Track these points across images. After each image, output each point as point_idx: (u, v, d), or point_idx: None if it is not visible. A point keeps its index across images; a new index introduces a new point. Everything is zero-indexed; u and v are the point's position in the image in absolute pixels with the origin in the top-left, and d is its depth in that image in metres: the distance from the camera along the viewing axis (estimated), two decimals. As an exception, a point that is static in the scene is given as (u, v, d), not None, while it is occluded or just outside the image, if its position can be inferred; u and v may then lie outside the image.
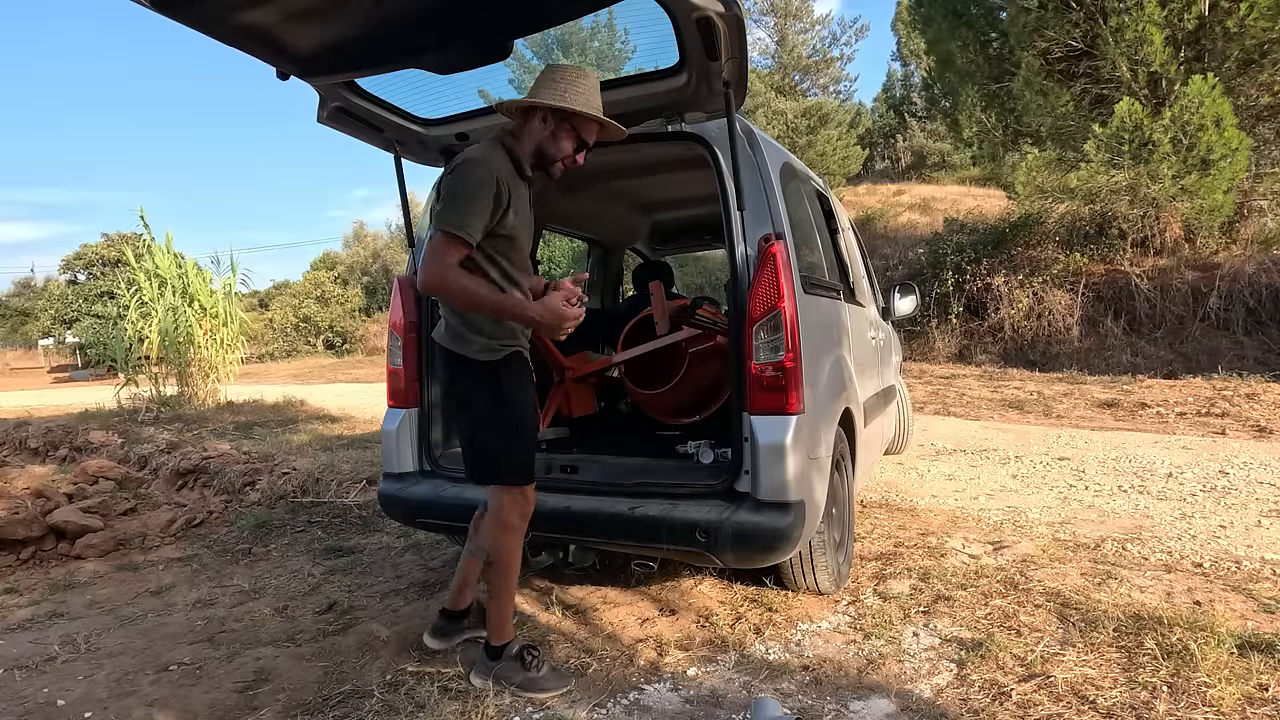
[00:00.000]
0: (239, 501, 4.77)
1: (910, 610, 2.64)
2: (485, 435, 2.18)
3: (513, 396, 2.17)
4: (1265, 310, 9.39)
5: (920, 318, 11.40)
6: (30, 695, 2.32)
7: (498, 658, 2.21)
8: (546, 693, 2.15)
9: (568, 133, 2.10)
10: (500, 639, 2.22)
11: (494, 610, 2.24)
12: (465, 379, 2.18)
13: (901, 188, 20.86)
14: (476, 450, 2.23)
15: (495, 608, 2.23)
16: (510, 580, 2.23)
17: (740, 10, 1.97)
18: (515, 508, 2.19)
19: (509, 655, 2.20)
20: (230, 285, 10.50)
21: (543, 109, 2.08)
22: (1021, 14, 10.64)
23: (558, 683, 2.19)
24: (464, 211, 1.97)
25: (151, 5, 1.71)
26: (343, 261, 33.19)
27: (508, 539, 2.20)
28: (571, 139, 2.11)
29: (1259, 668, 2.08)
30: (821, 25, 28.88)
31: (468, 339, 2.14)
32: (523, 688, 2.15)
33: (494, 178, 2.00)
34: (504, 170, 2.04)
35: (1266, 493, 4.10)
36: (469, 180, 2.00)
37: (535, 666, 2.19)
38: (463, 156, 2.08)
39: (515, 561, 2.22)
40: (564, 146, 2.11)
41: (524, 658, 2.19)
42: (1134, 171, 9.99)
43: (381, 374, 5.71)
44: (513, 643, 2.23)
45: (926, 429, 6.44)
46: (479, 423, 2.19)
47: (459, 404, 2.24)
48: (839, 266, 3.36)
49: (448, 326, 2.21)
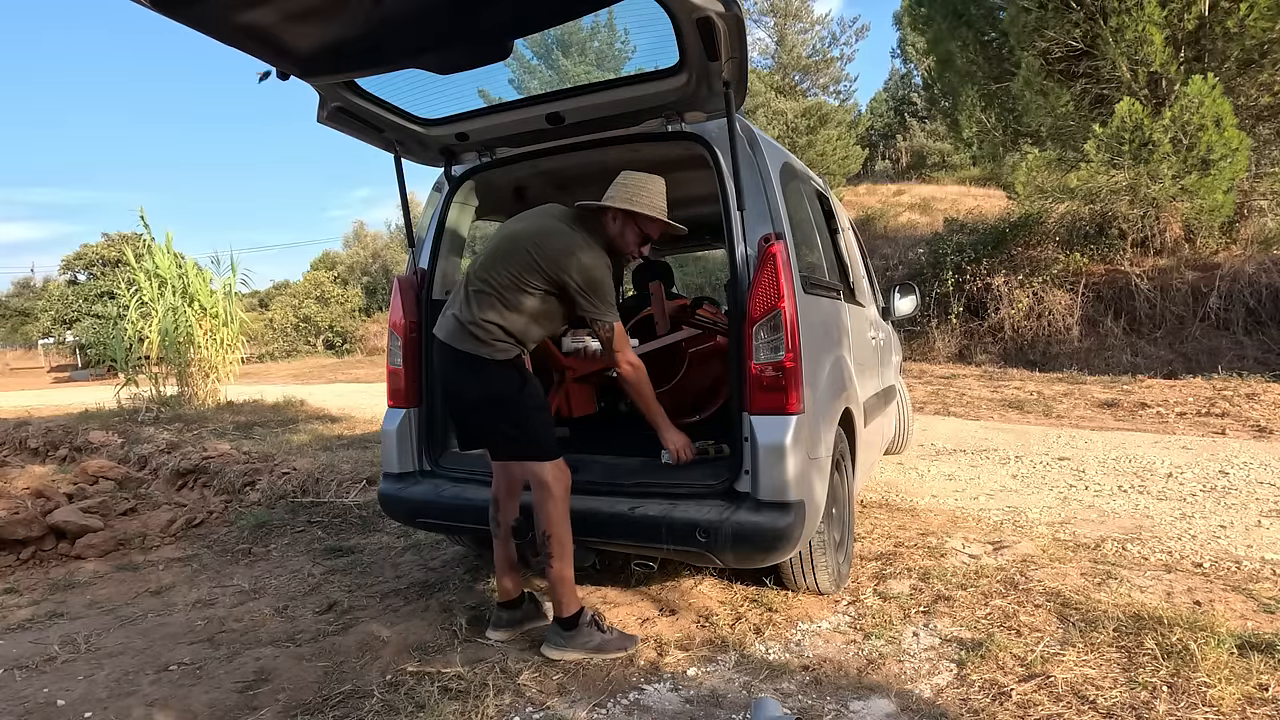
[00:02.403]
0: (239, 501, 4.77)
1: (910, 610, 2.64)
2: (523, 420, 2.36)
3: (533, 383, 2.42)
4: (1265, 310, 9.38)
5: (920, 318, 11.40)
6: (30, 695, 2.32)
7: (573, 627, 2.37)
8: (624, 651, 2.37)
9: (634, 230, 2.43)
10: (570, 609, 2.38)
11: (558, 584, 2.37)
12: (488, 376, 2.35)
13: (901, 188, 20.88)
14: (513, 437, 2.38)
15: (559, 580, 2.36)
16: (567, 551, 2.36)
17: (740, 10, 1.98)
18: (558, 480, 2.34)
19: (584, 623, 2.37)
20: (230, 285, 10.50)
21: (613, 211, 2.41)
22: (1021, 14, 10.64)
23: (630, 643, 2.40)
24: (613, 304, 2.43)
25: (151, 5, 1.71)
26: (343, 261, 33.17)
27: (558, 509, 2.33)
28: (636, 235, 2.44)
29: (1259, 668, 2.08)
30: (821, 25, 28.88)
31: (489, 343, 2.33)
32: (602, 648, 2.35)
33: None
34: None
35: (1266, 493, 4.10)
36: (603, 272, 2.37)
37: (609, 629, 2.41)
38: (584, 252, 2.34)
39: (568, 531, 2.35)
40: (630, 243, 2.44)
41: (598, 623, 2.40)
42: (1134, 171, 9.99)
43: (381, 374, 5.71)
44: (584, 610, 2.40)
45: (926, 429, 6.44)
46: (513, 411, 2.36)
47: (486, 398, 2.37)
48: (839, 266, 3.36)
49: (462, 327, 2.35)
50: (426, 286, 2.97)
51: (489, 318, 2.33)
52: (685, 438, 2.61)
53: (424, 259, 3.00)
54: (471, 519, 2.72)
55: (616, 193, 2.40)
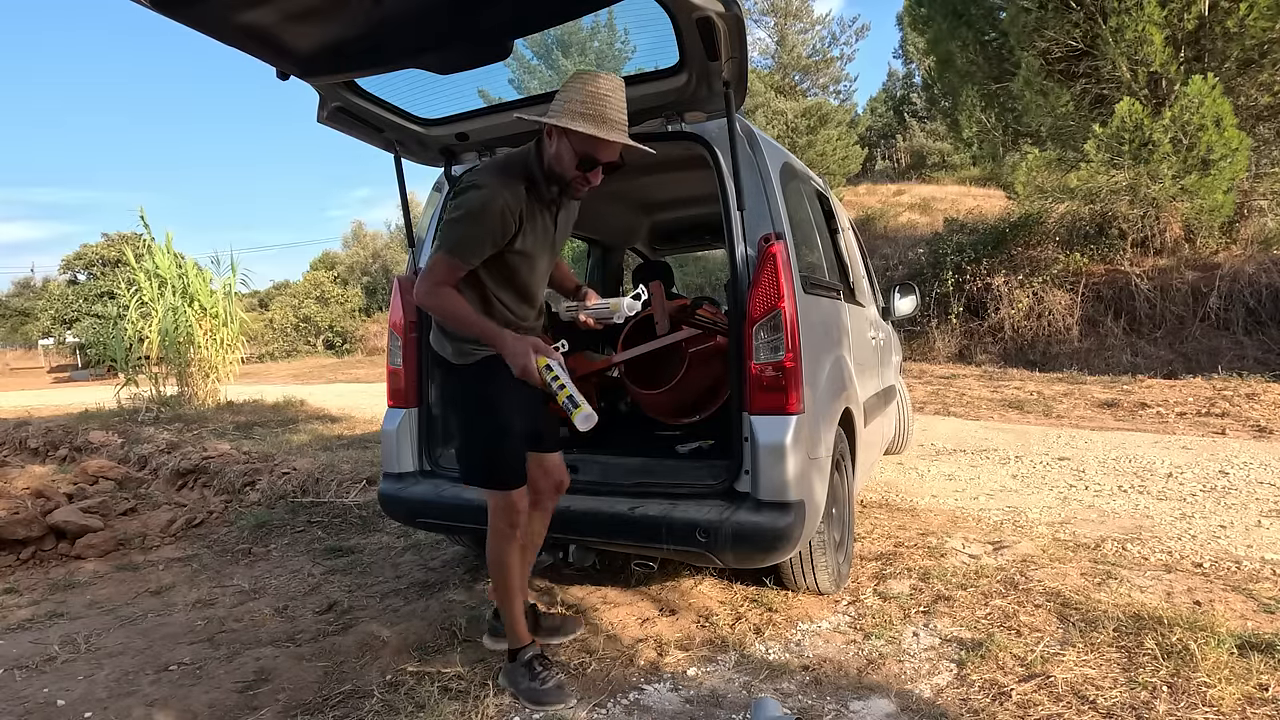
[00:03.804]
0: (239, 501, 4.77)
1: (910, 610, 2.64)
2: (466, 437, 2.21)
3: (495, 399, 2.10)
4: (1265, 310, 9.38)
5: (920, 318, 11.40)
6: (30, 695, 2.32)
7: (513, 660, 2.22)
8: (544, 706, 2.12)
9: (569, 150, 1.95)
10: (514, 643, 2.23)
11: (503, 615, 2.25)
12: (447, 382, 2.23)
13: (901, 188, 20.87)
14: (460, 452, 2.27)
15: (503, 613, 2.25)
16: (509, 585, 2.20)
17: (740, 10, 1.97)
18: (501, 513, 2.14)
19: (520, 660, 2.20)
20: (230, 285, 10.51)
21: (546, 126, 1.96)
22: (1021, 14, 10.64)
23: (558, 697, 2.13)
24: (463, 237, 1.96)
25: (151, 5, 1.70)
26: (342, 261, 33.18)
27: (496, 544, 2.17)
28: (571, 155, 1.96)
29: (1259, 668, 2.08)
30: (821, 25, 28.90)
31: (445, 343, 2.16)
32: (525, 696, 2.15)
33: (499, 208, 1.94)
34: (510, 197, 1.97)
35: (1266, 493, 4.10)
36: (473, 206, 1.95)
37: (542, 678, 2.15)
38: (470, 181, 2.02)
39: (510, 567, 2.19)
40: (566, 166, 1.98)
41: (533, 666, 2.18)
42: (1134, 171, 9.99)
43: (381, 374, 5.71)
44: (526, 648, 2.21)
45: (926, 429, 6.44)
46: (460, 425, 2.22)
47: (445, 406, 2.28)
48: (839, 266, 3.36)
49: (433, 330, 2.24)
50: (426, 286, 2.97)
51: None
52: (525, 345, 1.94)
53: (424, 259, 3.00)
54: (471, 519, 2.71)
55: (552, 104, 1.95)
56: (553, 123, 1.91)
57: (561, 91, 1.96)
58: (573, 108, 1.90)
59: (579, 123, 1.88)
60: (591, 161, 1.96)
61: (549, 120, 1.92)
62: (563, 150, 1.96)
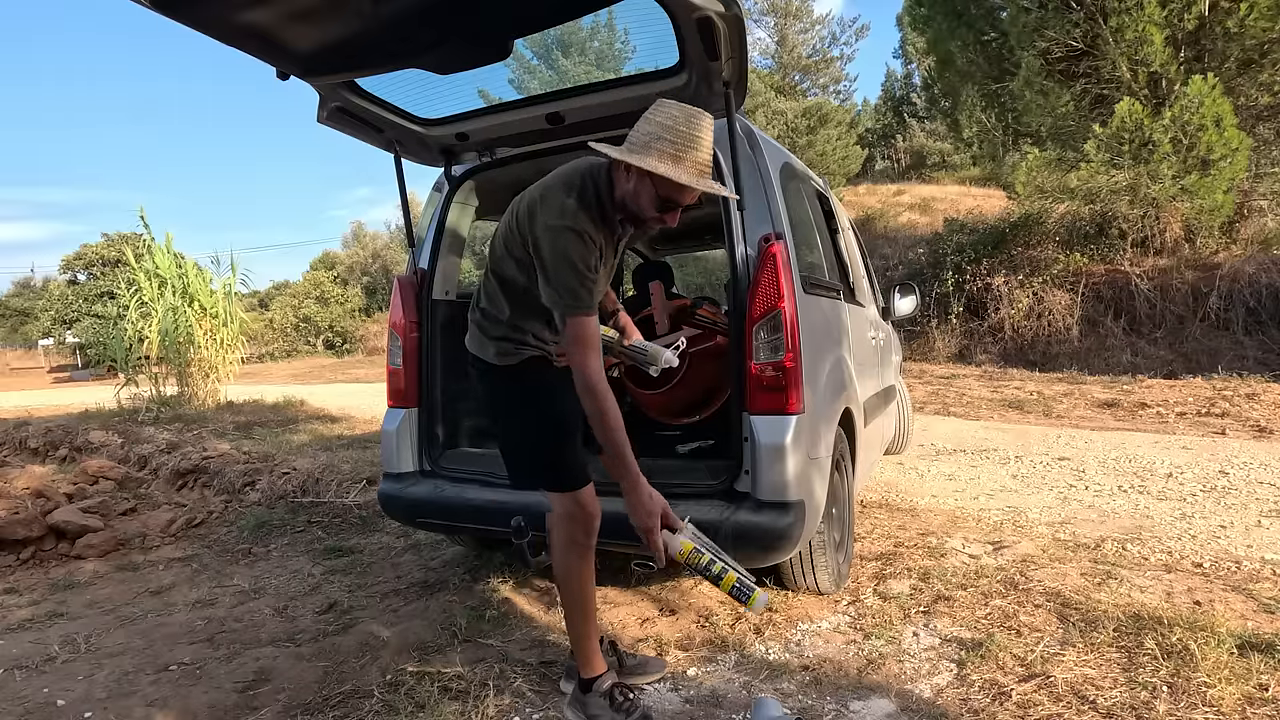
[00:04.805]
0: (239, 501, 4.77)
1: (910, 610, 2.64)
2: (520, 438, 2.02)
3: (547, 393, 2.00)
4: (1265, 310, 9.38)
5: (920, 318, 11.40)
6: (30, 695, 2.32)
7: (588, 691, 1.99)
8: None
9: (648, 190, 1.77)
10: (588, 671, 2.01)
11: (573, 641, 2.04)
12: (491, 385, 2.04)
13: (901, 188, 20.86)
14: (511, 455, 2.08)
15: (574, 638, 2.04)
16: (585, 604, 2.00)
17: (740, 10, 1.97)
18: (571, 521, 1.94)
19: (598, 690, 1.97)
20: (230, 285, 10.52)
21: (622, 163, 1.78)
22: (1021, 14, 10.65)
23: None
24: (582, 290, 1.78)
25: (151, 5, 1.70)
26: (342, 261, 33.18)
27: (565, 557, 1.97)
28: (650, 197, 1.78)
29: (1259, 668, 2.08)
30: (821, 25, 28.98)
31: (486, 345, 2.00)
32: None
33: (597, 249, 1.81)
34: (596, 234, 1.82)
35: (1266, 493, 4.10)
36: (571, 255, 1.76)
37: (626, 709, 1.93)
38: (559, 222, 1.78)
39: (584, 583, 1.98)
40: (645, 206, 1.80)
41: (614, 696, 1.96)
42: (1134, 171, 10.00)
43: (381, 374, 5.70)
44: (602, 677, 1.99)
45: (926, 429, 6.44)
46: (509, 427, 2.04)
47: (490, 411, 2.08)
48: (839, 266, 3.36)
49: (470, 329, 2.07)
50: (426, 286, 2.97)
51: (479, 302, 2.03)
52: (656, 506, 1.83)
53: (424, 259, 3.00)
54: (471, 519, 2.72)
55: (632, 136, 1.77)
56: (640, 165, 1.72)
57: (646, 124, 1.77)
58: (662, 148, 1.72)
59: (666, 165, 1.71)
60: (673, 204, 1.80)
61: (635, 161, 1.72)
62: (642, 190, 1.78)
